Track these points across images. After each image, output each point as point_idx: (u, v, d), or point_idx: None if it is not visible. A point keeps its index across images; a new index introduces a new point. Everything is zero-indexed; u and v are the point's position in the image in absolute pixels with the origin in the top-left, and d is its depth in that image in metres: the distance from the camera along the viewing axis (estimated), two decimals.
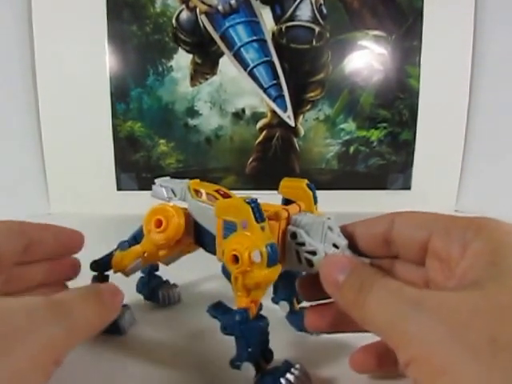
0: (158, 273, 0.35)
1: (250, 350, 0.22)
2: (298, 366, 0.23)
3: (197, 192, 0.27)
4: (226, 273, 0.22)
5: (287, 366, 0.23)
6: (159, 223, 0.27)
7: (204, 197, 0.27)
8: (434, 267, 0.22)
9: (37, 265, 0.28)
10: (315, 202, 0.26)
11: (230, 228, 0.22)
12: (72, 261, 0.30)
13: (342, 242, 0.23)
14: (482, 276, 0.17)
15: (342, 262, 0.21)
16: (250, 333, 0.22)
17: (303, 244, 0.23)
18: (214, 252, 0.25)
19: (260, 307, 0.23)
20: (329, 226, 0.23)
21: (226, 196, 0.27)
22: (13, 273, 0.26)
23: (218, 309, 0.24)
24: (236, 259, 0.21)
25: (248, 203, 0.22)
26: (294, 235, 0.24)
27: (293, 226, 0.24)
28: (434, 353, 0.15)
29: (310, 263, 0.23)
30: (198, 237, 0.27)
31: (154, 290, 0.34)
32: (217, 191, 0.27)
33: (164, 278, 0.36)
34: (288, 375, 0.22)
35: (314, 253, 0.23)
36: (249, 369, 0.22)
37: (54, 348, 0.18)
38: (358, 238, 0.25)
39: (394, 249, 0.24)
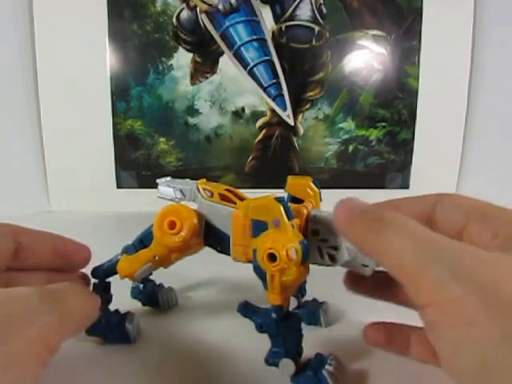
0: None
1: (287, 346, 0.22)
2: (331, 356, 0.23)
3: (207, 192, 0.27)
4: (259, 272, 0.22)
5: (322, 359, 0.23)
6: (173, 225, 0.26)
7: (216, 197, 0.26)
8: None
9: (35, 273, 0.27)
10: (321, 199, 0.27)
11: (259, 227, 0.22)
12: (77, 276, 0.29)
13: None
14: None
15: (355, 202, 0.22)
16: (287, 330, 0.23)
17: (326, 240, 0.24)
18: (228, 252, 0.25)
19: (288, 303, 0.24)
20: None
21: (237, 196, 0.26)
22: (10, 278, 0.26)
23: (249, 308, 0.24)
24: (272, 257, 0.21)
25: (279, 202, 0.22)
26: (315, 232, 0.24)
27: (313, 223, 0.24)
28: (465, 303, 0.16)
29: (333, 258, 0.24)
30: (208, 237, 0.27)
31: (152, 294, 0.34)
32: (228, 191, 0.27)
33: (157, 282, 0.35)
34: (327, 367, 0.22)
35: (336, 248, 0.24)
36: (288, 365, 0.22)
37: (48, 336, 0.19)
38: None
39: (435, 228, 0.24)
